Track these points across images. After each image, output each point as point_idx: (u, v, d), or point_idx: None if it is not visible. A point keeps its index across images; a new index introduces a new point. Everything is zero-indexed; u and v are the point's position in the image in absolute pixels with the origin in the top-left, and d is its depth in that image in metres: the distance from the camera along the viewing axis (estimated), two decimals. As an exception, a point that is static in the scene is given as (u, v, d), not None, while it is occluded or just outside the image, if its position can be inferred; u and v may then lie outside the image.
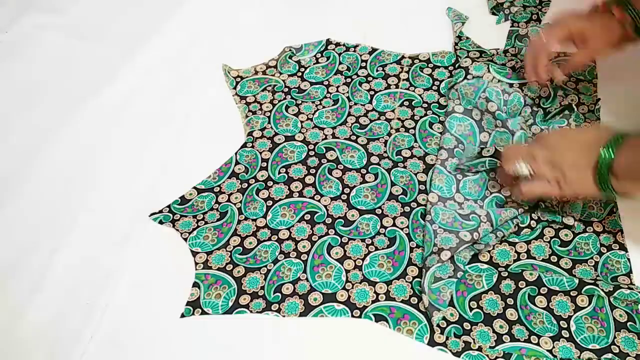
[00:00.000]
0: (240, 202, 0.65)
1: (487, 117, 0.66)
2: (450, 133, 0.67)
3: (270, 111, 0.74)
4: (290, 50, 0.80)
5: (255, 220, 0.63)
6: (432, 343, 0.53)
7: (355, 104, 0.74)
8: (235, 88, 0.77)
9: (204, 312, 0.56)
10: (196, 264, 0.60)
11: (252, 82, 0.77)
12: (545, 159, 0.54)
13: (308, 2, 0.89)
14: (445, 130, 0.68)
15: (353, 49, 0.81)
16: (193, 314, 0.56)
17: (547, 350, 0.52)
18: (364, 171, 0.67)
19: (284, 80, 0.77)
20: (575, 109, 0.66)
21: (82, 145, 0.71)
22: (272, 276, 0.59)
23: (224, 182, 0.67)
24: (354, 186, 0.66)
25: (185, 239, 0.62)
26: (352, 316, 0.56)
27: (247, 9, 0.89)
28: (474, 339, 0.53)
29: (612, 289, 0.54)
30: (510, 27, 0.81)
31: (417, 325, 0.54)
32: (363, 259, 0.59)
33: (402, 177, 0.66)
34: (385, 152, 0.69)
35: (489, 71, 0.70)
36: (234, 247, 0.61)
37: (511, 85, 0.68)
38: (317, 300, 0.57)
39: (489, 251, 0.59)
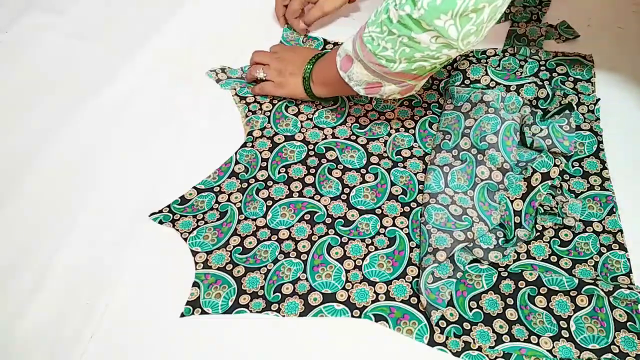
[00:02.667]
0: (240, 201, 0.65)
1: (479, 107, 0.66)
2: (439, 129, 0.68)
3: (270, 111, 0.74)
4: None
5: (255, 220, 0.63)
6: (432, 343, 0.53)
7: (355, 104, 0.74)
8: (234, 88, 0.77)
9: (203, 312, 0.56)
10: (196, 263, 0.60)
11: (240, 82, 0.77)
12: (276, 68, 0.73)
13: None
14: (436, 130, 0.68)
15: (353, 49, 0.81)
16: (193, 313, 0.56)
17: (547, 350, 0.52)
18: (363, 171, 0.67)
19: (283, 80, 0.77)
20: (575, 108, 0.66)
21: (82, 145, 0.71)
22: (272, 276, 0.59)
23: (224, 181, 0.67)
24: (354, 186, 0.66)
25: (185, 239, 0.62)
26: (352, 316, 0.56)
27: (247, 9, 0.89)
28: (473, 339, 0.53)
29: (612, 289, 0.54)
30: (510, 27, 0.81)
31: (417, 325, 0.55)
32: (363, 259, 0.59)
33: (402, 177, 0.66)
34: (385, 152, 0.69)
35: (486, 74, 0.70)
36: (234, 246, 0.61)
37: (508, 89, 0.68)
38: (317, 300, 0.57)
39: (488, 252, 0.59)
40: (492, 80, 0.70)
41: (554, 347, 0.52)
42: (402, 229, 0.62)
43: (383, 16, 0.54)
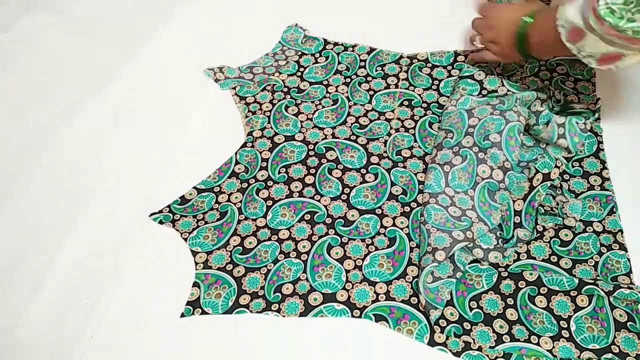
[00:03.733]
0: (240, 202, 0.65)
1: (484, 107, 0.66)
2: (440, 128, 0.68)
3: (270, 111, 0.74)
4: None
5: (255, 220, 0.63)
6: (432, 343, 0.53)
7: (355, 104, 0.74)
8: (234, 88, 0.77)
9: (204, 312, 0.56)
10: (196, 263, 0.60)
11: (250, 83, 0.77)
12: (488, 38, 0.70)
13: (308, 2, 0.89)
14: (437, 130, 0.68)
15: (351, 49, 0.81)
16: (193, 313, 0.56)
17: (547, 350, 0.52)
18: (363, 171, 0.67)
19: (283, 80, 0.77)
20: (597, 115, 0.66)
21: (82, 145, 0.71)
22: (272, 276, 0.59)
23: (224, 181, 0.67)
24: (354, 186, 0.66)
25: (185, 239, 0.62)
26: (352, 316, 0.56)
27: (247, 9, 0.89)
28: (474, 339, 0.53)
29: (612, 289, 0.54)
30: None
31: (417, 325, 0.55)
32: (363, 259, 0.59)
33: (402, 177, 0.66)
34: (385, 152, 0.69)
35: (502, 84, 0.71)
36: (234, 247, 0.61)
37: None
38: (317, 300, 0.57)
39: (488, 252, 0.59)
40: (508, 90, 0.70)
41: (554, 347, 0.52)
42: (402, 229, 0.62)
43: None
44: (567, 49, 0.58)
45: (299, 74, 0.78)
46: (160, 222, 0.63)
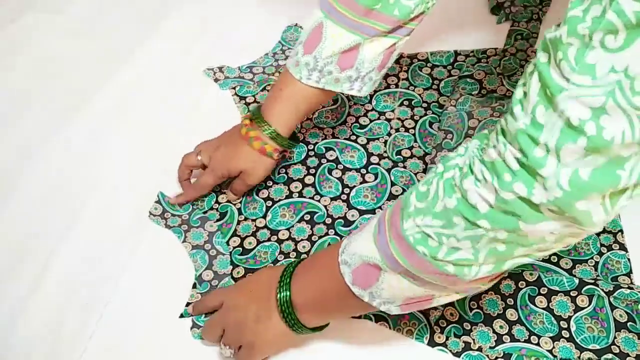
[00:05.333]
0: (240, 202, 0.65)
1: (483, 109, 0.66)
2: (439, 128, 0.68)
3: (270, 111, 0.73)
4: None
5: (255, 220, 0.63)
6: (432, 343, 0.53)
7: (355, 104, 0.74)
8: (234, 88, 0.77)
9: (203, 313, 0.56)
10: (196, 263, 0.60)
11: (251, 83, 0.77)
12: (233, 335, 0.49)
13: (308, 2, 0.89)
14: (437, 130, 0.68)
15: (353, 49, 0.81)
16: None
17: (547, 351, 0.52)
18: (363, 171, 0.67)
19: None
20: None
21: (81, 145, 0.71)
22: (272, 276, 0.58)
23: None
24: (354, 186, 0.66)
25: (185, 239, 0.61)
26: (352, 316, 0.55)
27: (247, 9, 0.88)
28: (474, 339, 0.53)
29: (612, 289, 0.54)
30: (511, 26, 0.81)
31: (417, 325, 0.54)
32: (363, 259, 0.59)
33: (402, 177, 0.66)
34: (385, 152, 0.69)
35: (502, 84, 0.71)
36: (234, 247, 0.61)
37: None
38: None
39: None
40: (508, 90, 0.70)
41: (554, 347, 0.52)
42: (402, 229, 0.62)
43: (449, 201, 0.35)
44: (352, 301, 0.42)
45: (299, 73, 0.78)
46: (162, 218, 0.63)
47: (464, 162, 0.36)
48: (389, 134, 0.71)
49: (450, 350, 0.53)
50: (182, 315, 0.56)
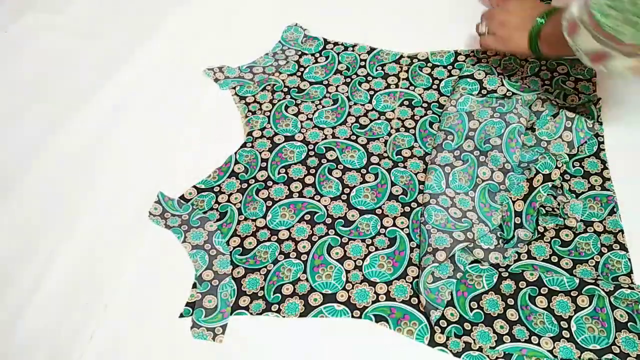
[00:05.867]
0: (240, 202, 0.65)
1: (483, 110, 0.66)
2: (440, 129, 0.68)
3: (270, 111, 0.73)
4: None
5: (255, 220, 0.63)
6: (432, 343, 0.53)
7: (355, 103, 0.74)
8: (234, 88, 0.77)
9: (203, 313, 0.56)
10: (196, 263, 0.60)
11: (250, 83, 0.77)
12: (499, 21, 0.69)
13: (308, 2, 0.89)
14: (437, 130, 0.68)
15: (351, 49, 0.81)
16: (192, 314, 0.56)
17: (548, 351, 0.52)
18: (364, 171, 0.67)
19: (283, 80, 0.77)
20: (596, 111, 0.67)
21: (81, 145, 0.71)
22: (271, 277, 0.59)
23: (223, 181, 0.67)
24: (354, 186, 0.66)
25: (185, 239, 0.61)
26: (352, 316, 0.55)
27: (247, 9, 0.88)
28: (474, 340, 0.53)
29: (612, 289, 0.54)
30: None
31: (418, 325, 0.54)
32: (363, 259, 0.59)
33: (402, 177, 0.66)
34: (385, 152, 0.69)
35: (502, 84, 0.71)
36: (234, 247, 0.61)
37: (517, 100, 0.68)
38: (317, 301, 0.57)
39: (489, 253, 0.58)
40: (508, 90, 0.70)
41: (554, 347, 0.52)
42: (402, 229, 0.62)
43: None
44: (568, 47, 0.58)
45: (299, 73, 0.78)
46: (162, 217, 0.63)
47: None
48: (389, 134, 0.71)
49: (451, 351, 0.53)
50: (182, 315, 0.56)
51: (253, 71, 0.79)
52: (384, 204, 0.64)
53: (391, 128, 0.71)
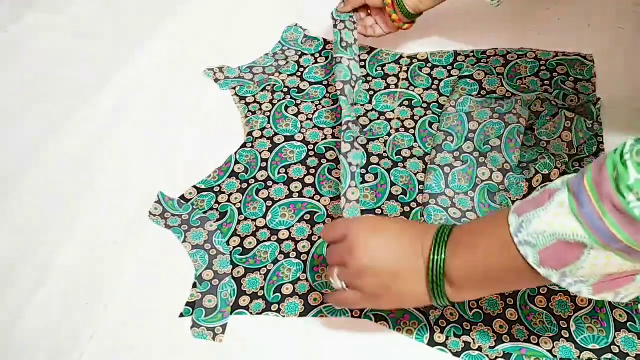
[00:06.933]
0: (240, 202, 0.65)
1: (482, 110, 0.66)
2: (439, 129, 0.68)
3: (270, 111, 0.73)
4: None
5: (255, 220, 0.63)
6: (432, 343, 0.53)
7: (355, 104, 0.74)
8: (234, 88, 0.77)
9: (203, 313, 0.56)
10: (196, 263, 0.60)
11: (251, 83, 0.77)
12: (358, 270, 0.44)
13: (308, 2, 0.89)
14: (437, 130, 0.68)
15: (353, 49, 0.81)
16: (192, 314, 0.56)
17: (547, 351, 0.52)
18: (363, 171, 0.67)
19: (283, 80, 0.77)
20: (595, 112, 0.67)
21: (81, 145, 0.71)
22: (271, 276, 0.59)
23: (224, 181, 0.67)
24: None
25: (185, 239, 0.61)
26: (352, 316, 0.56)
27: (246, 9, 0.89)
28: (473, 339, 0.53)
29: (612, 289, 0.54)
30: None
31: (417, 325, 0.54)
32: (363, 259, 0.59)
33: (402, 177, 0.66)
34: (385, 152, 0.69)
35: (502, 85, 0.71)
36: (234, 247, 0.61)
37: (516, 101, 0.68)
38: (317, 301, 0.57)
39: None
40: (507, 91, 0.70)
41: (554, 347, 0.52)
42: (402, 229, 0.62)
43: None
44: (523, 280, 0.40)
45: (299, 74, 0.78)
46: (161, 217, 0.63)
47: None
48: (389, 134, 0.71)
49: (450, 350, 0.53)
50: (182, 315, 0.56)
51: (253, 71, 0.79)
52: (383, 204, 0.64)
53: (391, 128, 0.71)
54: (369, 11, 0.75)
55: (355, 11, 0.74)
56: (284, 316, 0.56)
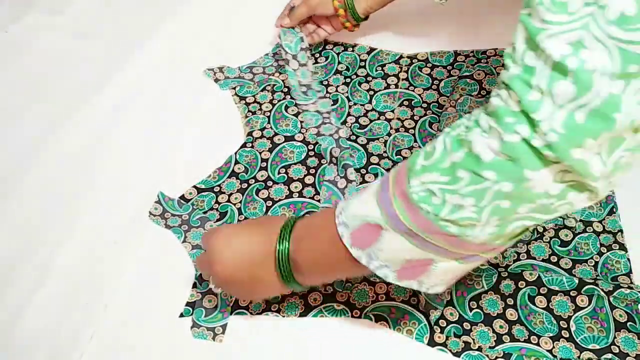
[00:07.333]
0: (240, 202, 0.65)
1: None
2: (440, 129, 0.68)
3: (270, 111, 0.73)
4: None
5: (255, 220, 0.63)
6: (432, 343, 0.53)
7: (355, 104, 0.74)
8: (234, 88, 0.77)
9: (203, 312, 0.56)
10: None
11: (251, 83, 0.77)
12: (218, 276, 0.47)
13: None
14: (437, 130, 0.68)
15: (351, 49, 0.81)
16: (192, 314, 0.56)
17: (547, 351, 0.52)
18: (363, 171, 0.67)
19: (283, 80, 0.77)
20: None
21: (81, 145, 0.71)
22: (272, 276, 0.59)
23: (224, 181, 0.67)
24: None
25: (185, 239, 0.61)
26: (352, 316, 0.56)
27: (247, 9, 0.89)
28: (473, 339, 0.53)
29: (612, 289, 0.54)
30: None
31: (417, 325, 0.54)
32: (363, 259, 0.59)
33: (402, 177, 0.66)
34: (385, 152, 0.69)
35: None
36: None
37: None
38: (316, 301, 0.57)
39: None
40: None
41: (554, 347, 0.52)
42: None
43: (455, 155, 0.35)
44: (350, 263, 0.41)
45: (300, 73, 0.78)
46: (161, 217, 0.63)
47: (469, 119, 0.37)
48: (389, 134, 0.71)
49: (450, 350, 0.53)
50: (182, 315, 0.56)
51: (253, 71, 0.79)
52: (383, 204, 0.64)
53: (391, 128, 0.71)
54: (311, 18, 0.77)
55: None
56: (283, 316, 0.56)
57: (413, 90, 0.75)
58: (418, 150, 0.39)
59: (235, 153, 0.69)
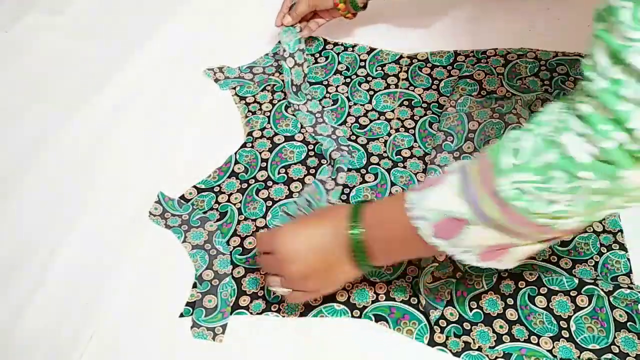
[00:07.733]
0: (240, 202, 0.65)
1: (483, 110, 0.66)
2: (440, 129, 0.68)
3: (270, 111, 0.73)
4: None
5: (255, 220, 0.63)
6: (432, 343, 0.53)
7: (355, 104, 0.74)
8: (234, 88, 0.77)
9: (203, 313, 0.56)
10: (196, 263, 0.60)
11: (251, 83, 0.77)
12: (294, 275, 0.49)
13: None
14: (437, 130, 0.68)
15: (351, 49, 0.81)
16: (192, 314, 0.56)
17: (547, 351, 0.52)
18: (363, 171, 0.67)
19: (283, 80, 0.77)
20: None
21: (81, 145, 0.71)
22: (272, 276, 0.59)
23: (224, 181, 0.67)
24: (354, 186, 0.66)
25: (185, 239, 0.61)
26: (352, 316, 0.56)
27: (247, 9, 0.89)
28: (473, 339, 0.53)
29: (612, 289, 0.54)
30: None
31: (417, 325, 0.54)
32: (363, 259, 0.59)
33: (402, 177, 0.66)
34: (385, 152, 0.69)
35: (502, 85, 0.71)
36: (234, 247, 0.61)
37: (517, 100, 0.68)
38: (317, 301, 0.57)
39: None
40: (507, 91, 0.70)
41: (554, 347, 0.52)
42: (402, 229, 0.62)
43: (548, 155, 0.37)
44: (425, 248, 0.44)
45: (299, 74, 0.78)
46: (162, 217, 0.63)
47: (554, 120, 0.38)
48: (389, 134, 0.71)
49: (450, 350, 0.53)
50: (182, 315, 0.56)
51: (253, 71, 0.79)
52: (383, 204, 0.64)
53: (391, 128, 0.71)
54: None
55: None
56: (284, 316, 0.56)
57: (413, 90, 0.75)
58: (498, 145, 0.40)
59: (235, 153, 0.69)
